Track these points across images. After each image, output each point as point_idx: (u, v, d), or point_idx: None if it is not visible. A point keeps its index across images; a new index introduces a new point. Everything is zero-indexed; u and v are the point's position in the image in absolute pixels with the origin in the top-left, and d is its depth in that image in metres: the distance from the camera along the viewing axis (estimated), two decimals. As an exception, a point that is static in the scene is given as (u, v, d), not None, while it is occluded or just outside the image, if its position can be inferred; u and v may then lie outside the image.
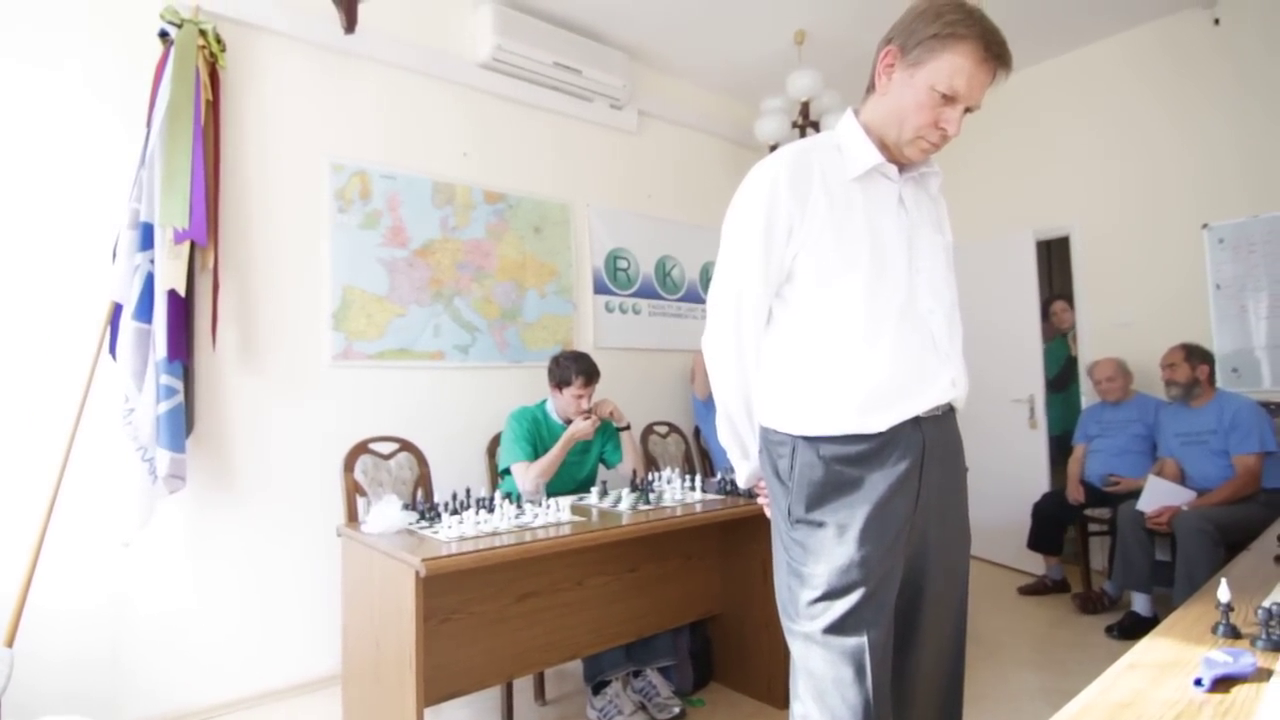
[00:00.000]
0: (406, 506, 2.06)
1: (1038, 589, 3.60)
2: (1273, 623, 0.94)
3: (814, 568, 1.14)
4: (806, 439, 1.18)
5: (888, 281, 1.20)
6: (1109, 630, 2.97)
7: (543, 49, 3.42)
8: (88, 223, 2.37)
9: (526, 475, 2.48)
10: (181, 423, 2.33)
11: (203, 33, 2.51)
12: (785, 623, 1.19)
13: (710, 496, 2.49)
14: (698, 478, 2.58)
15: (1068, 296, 4.17)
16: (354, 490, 2.42)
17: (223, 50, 2.60)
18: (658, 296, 4.03)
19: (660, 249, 4.06)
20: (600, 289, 3.76)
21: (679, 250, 4.13)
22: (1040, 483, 3.86)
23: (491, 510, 2.01)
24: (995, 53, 1.16)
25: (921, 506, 1.18)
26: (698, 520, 2.27)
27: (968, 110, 1.21)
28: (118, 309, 2.30)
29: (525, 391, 3.26)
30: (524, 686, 2.53)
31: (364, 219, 2.96)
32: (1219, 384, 3.41)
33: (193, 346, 2.48)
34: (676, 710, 2.29)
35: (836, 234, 1.19)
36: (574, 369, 2.61)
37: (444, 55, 3.26)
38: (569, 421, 2.64)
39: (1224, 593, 0.99)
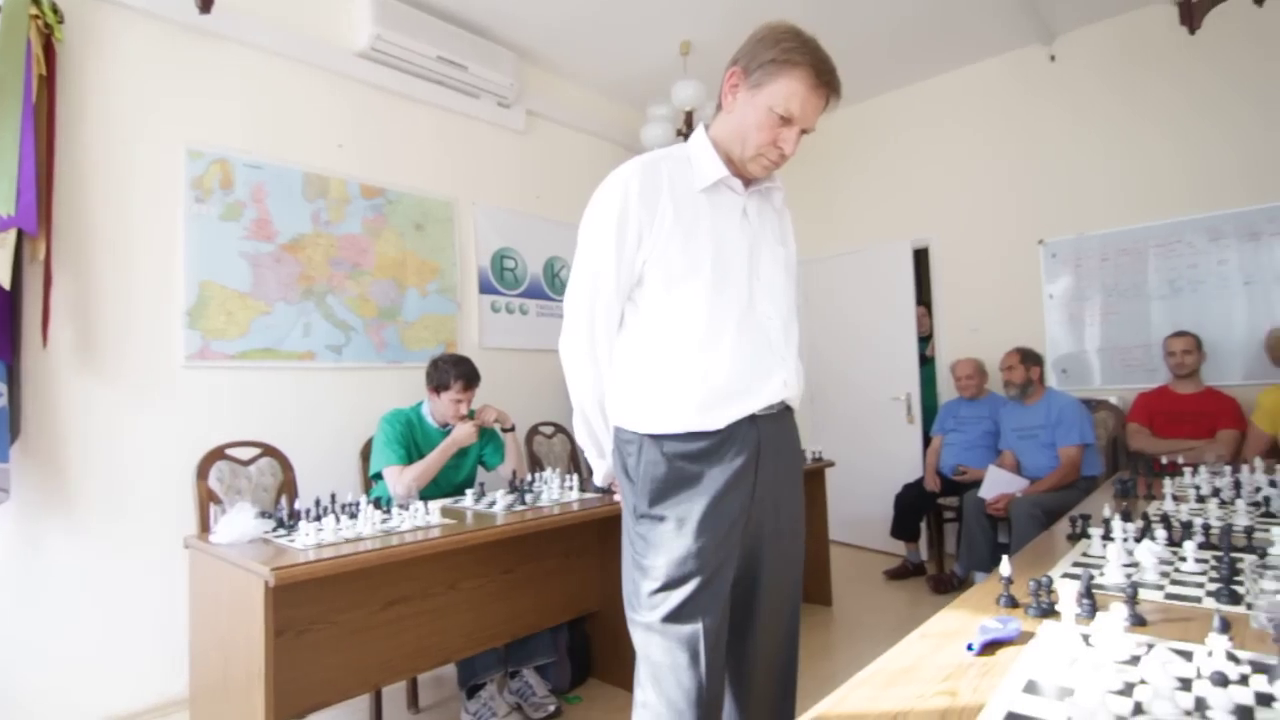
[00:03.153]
0: (264, 514, 1.97)
1: (900, 572, 3.88)
2: (1041, 592, 1.07)
3: (654, 560, 1.19)
4: (652, 437, 1.23)
5: (729, 288, 1.27)
6: (956, 609, 3.25)
7: (425, 42, 3.35)
8: (-116, 205, 2.10)
9: (400, 480, 2.42)
10: (5, 429, 2.12)
11: (36, 1, 2.29)
12: (629, 614, 1.24)
13: (589, 495, 2.52)
14: (577, 477, 2.61)
15: (927, 303, 4.52)
16: (207, 499, 2.28)
17: (60, 21, 2.38)
18: (546, 297, 4.03)
19: (549, 249, 4.06)
20: (486, 288, 3.72)
21: (568, 251, 4.13)
22: (916, 474, 4.13)
23: (355, 516, 1.95)
24: (825, 80, 1.25)
25: (757, 499, 1.26)
26: (574, 519, 2.30)
27: (805, 132, 1.30)
28: (-77, 303, 2.06)
29: (405, 393, 3.17)
30: (397, 695, 2.47)
31: (225, 210, 2.79)
32: (1050, 383, 3.81)
33: (18, 345, 2.25)
34: (552, 709, 2.31)
35: (683, 242, 1.26)
36: (453, 373, 2.56)
37: (318, 42, 3.12)
38: (445, 425, 2.60)
39: (1005, 568, 1.13)
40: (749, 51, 1.28)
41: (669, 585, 1.17)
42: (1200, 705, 0.74)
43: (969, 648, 0.92)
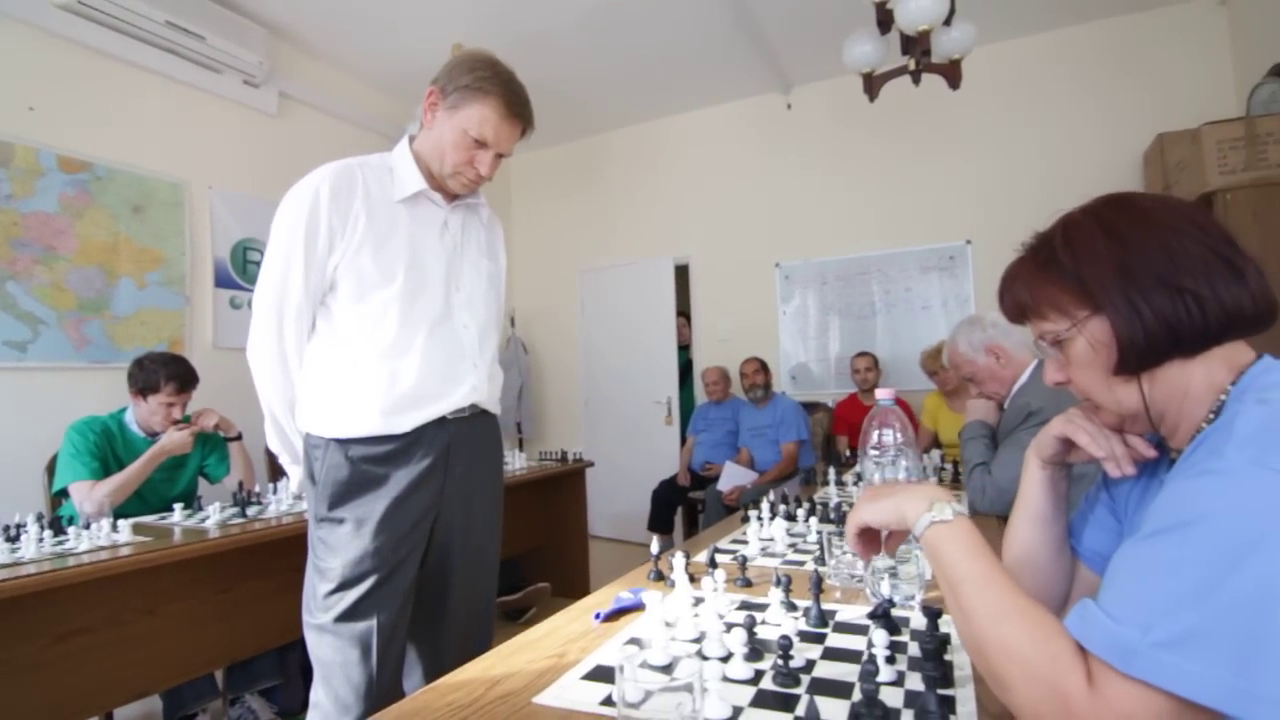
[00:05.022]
0: (-117, 543, 1.64)
1: (656, 564, 4.19)
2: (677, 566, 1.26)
3: (332, 562, 1.21)
4: (338, 441, 1.25)
5: (423, 297, 1.32)
6: (696, 592, 3.59)
7: (151, 3, 2.98)
8: None
9: (90, 496, 2.14)
10: None
11: None
12: (305, 617, 1.24)
13: (326, 504, 2.42)
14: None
15: (687, 314, 4.95)
16: None
17: None
18: (301, 295, 3.77)
19: (305, 244, 3.80)
20: (224, 282, 3.39)
21: (329, 247, 3.91)
22: (674, 471, 4.45)
23: (16, 539, 1.71)
24: (516, 111, 1.35)
25: (447, 496, 1.33)
26: (301, 530, 2.19)
27: (501, 156, 1.39)
28: None
29: (113, 398, 2.78)
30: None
31: None
32: (784, 389, 4.37)
33: None
34: (275, 731, 2.19)
35: (376, 250, 1.29)
36: (163, 374, 2.31)
37: (-1, -16, 2.65)
38: (153, 434, 2.34)
39: (654, 546, 1.31)
40: (447, 74, 1.34)
41: (344, 585, 1.20)
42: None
43: (596, 617, 1.07)
